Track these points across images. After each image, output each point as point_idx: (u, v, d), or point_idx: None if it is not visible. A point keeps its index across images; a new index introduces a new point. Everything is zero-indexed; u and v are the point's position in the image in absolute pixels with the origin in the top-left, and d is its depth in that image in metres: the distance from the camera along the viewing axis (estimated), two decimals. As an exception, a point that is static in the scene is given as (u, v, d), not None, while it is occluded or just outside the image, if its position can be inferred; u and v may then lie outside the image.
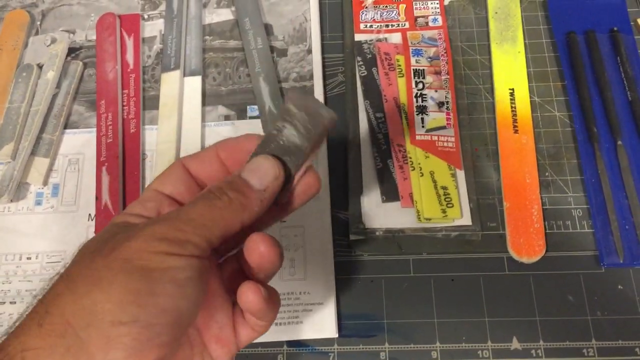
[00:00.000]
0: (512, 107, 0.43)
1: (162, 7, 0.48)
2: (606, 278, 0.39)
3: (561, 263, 0.39)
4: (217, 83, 0.46)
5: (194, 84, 0.45)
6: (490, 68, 0.45)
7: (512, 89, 0.44)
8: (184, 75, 0.45)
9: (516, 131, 0.42)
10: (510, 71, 0.44)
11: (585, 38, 0.45)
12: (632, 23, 0.46)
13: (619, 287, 0.38)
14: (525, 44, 0.46)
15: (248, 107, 0.45)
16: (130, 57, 0.46)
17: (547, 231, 0.40)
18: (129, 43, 0.47)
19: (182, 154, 0.42)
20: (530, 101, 0.43)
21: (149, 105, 0.45)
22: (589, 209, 0.40)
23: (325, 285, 0.39)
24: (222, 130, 0.44)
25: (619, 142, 0.42)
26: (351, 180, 0.42)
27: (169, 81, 0.45)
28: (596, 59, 0.44)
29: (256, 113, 0.44)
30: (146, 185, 0.35)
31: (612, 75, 0.44)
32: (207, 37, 0.47)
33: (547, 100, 0.44)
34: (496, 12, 0.47)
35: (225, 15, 0.48)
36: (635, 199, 0.40)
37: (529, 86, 0.44)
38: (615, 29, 0.45)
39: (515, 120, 0.43)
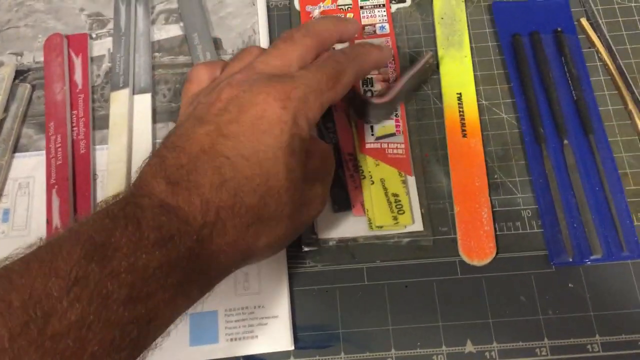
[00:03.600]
0: (460, 111, 0.44)
1: (110, 25, 0.48)
2: (557, 277, 0.39)
3: (512, 264, 0.39)
4: (168, 100, 0.46)
5: (144, 101, 0.45)
6: (438, 73, 0.45)
7: (460, 93, 0.44)
8: (134, 93, 0.45)
9: (465, 135, 0.43)
10: (458, 75, 0.45)
11: (530, 39, 0.46)
12: (575, 23, 0.46)
13: (570, 285, 0.39)
14: (471, 47, 0.46)
15: (199, 122, 0.44)
16: (78, 77, 0.46)
17: (498, 233, 0.40)
18: (77, 63, 0.46)
19: (133, 174, 0.42)
20: (478, 105, 0.44)
21: (100, 125, 0.45)
22: (538, 209, 0.41)
23: (279, 297, 0.39)
24: (173, 147, 0.44)
25: (565, 142, 0.42)
26: (303, 192, 0.42)
27: (119, 100, 0.45)
28: (541, 60, 0.45)
29: (207, 128, 0.44)
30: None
31: (557, 76, 0.44)
32: (156, 54, 0.47)
33: (494, 103, 0.44)
34: (442, 18, 0.47)
35: (174, 31, 0.48)
36: (582, 197, 0.40)
37: (477, 89, 0.44)
38: (559, 29, 0.46)
39: (463, 125, 0.43)
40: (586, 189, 0.41)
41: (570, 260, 0.39)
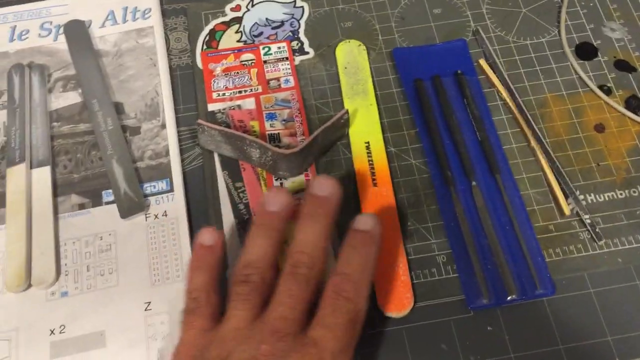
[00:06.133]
0: (369, 160, 0.43)
1: (4, 97, 0.46)
2: (475, 321, 0.39)
3: (430, 312, 0.39)
4: (69, 171, 0.44)
5: (43, 175, 0.43)
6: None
7: (368, 142, 0.44)
8: (31, 167, 0.43)
9: (375, 184, 0.43)
10: (365, 124, 0.45)
11: (432, 83, 0.46)
12: (475, 64, 0.48)
13: (489, 328, 0.39)
14: (376, 95, 0.46)
15: (103, 192, 0.43)
16: (-30, 154, 0.44)
17: (415, 281, 0.40)
18: (-31, 139, 0.44)
19: (34, 254, 0.40)
20: (387, 152, 0.44)
21: (-3, 203, 0.42)
22: (452, 254, 0.41)
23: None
24: (77, 221, 0.42)
25: (473, 183, 0.43)
26: (215, 257, 0.40)
27: (15, 176, 0.42)
28: (444, 103, 0.45)
29: (112, 198, 0.42)
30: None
31: (461, 117, 0.45)
32: (55, 124, 0.45)
33: (402, 149, 0.45)
34: (346, 67, 0.47)
35: (72, 98, 0.46)
36: (494, 237, 0.41)
37: (384, 137, 0.45)
38: (459, 71, 0.47)
39: (373, 174, 0.43)
40: (497, 230, 0.41)
41: (487, 302, 0.39)
